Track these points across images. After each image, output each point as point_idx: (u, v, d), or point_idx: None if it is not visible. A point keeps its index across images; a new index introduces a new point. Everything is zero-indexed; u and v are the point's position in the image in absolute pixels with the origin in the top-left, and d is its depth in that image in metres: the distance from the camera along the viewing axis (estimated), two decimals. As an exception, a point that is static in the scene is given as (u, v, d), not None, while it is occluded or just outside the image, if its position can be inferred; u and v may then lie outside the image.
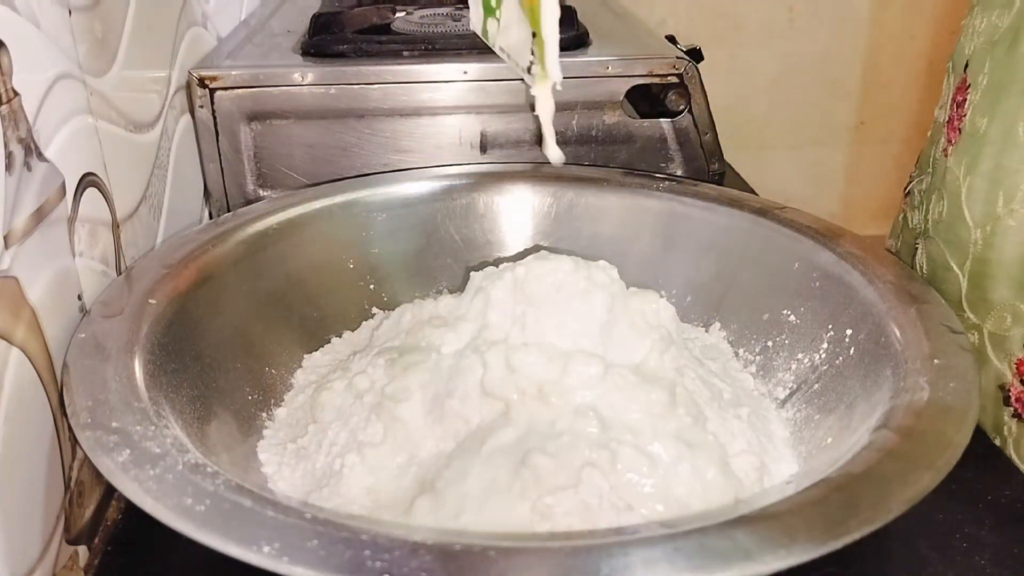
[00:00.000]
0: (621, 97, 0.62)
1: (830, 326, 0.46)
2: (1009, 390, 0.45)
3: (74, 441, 0.38)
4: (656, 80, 0.62)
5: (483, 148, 0.63)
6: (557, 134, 0.63)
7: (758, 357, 0.49)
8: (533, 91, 0.40)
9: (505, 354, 0.41)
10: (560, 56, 0.63)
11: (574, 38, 0.65)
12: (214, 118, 0.60)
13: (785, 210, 0.53)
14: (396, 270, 0.55)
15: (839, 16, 1.70)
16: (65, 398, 0.35)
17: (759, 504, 0.31)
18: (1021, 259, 0.44)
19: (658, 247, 0.55)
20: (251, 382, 0.45)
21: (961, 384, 0.37)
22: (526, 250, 0.56)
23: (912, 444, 0.33)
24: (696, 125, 0.64)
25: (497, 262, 0.47)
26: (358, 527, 0.29)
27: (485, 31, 0.44)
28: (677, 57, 0.63)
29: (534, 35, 0.39)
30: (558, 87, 0.39)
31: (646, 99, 0.65)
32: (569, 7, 0.73)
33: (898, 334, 0.41)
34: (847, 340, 0.44)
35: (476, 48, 0.64)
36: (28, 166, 0.36)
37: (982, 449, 0.45)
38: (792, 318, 0.48)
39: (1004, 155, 0.45)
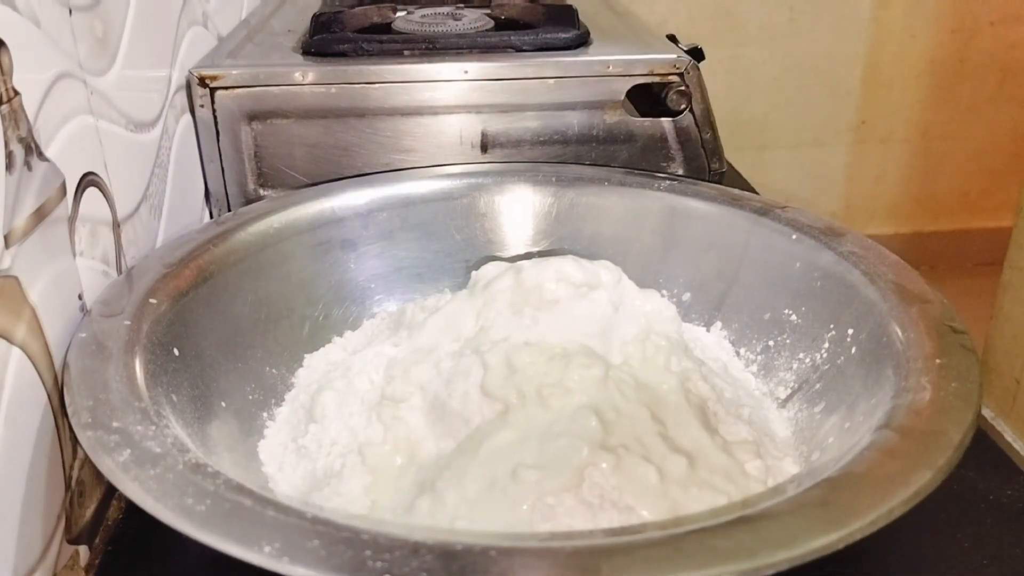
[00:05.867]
0: (622, 96, 0.62)
1: (831, 325, 0.46)
2: None
3: (75, 441, 0.38)
4: (657, 79, 0.62)
5: (484, 148, 0.63)
6: (558, 133, 0.64)
7: (759, 357, 0.49)
8: None
9: (506, 354, 0.41)
10: (561, 56, 0.63)
11: (575, 37, 0.65)
12: (215, 117, 0.60)
13: (786, 209, 0.53)
14: (396, 269, 0.55)
15: (839, 16, 1.70)
16: (66, 398, 0.35)
17: (759, 504, 0.31)
18: None
19: (659, 247, 0.55)
20: (252, 382, 0.45)
21: (963, 384, 0.36)
22: (540, 252, 0.56)
23: (913, 444, 0.33)
24: (697, 124, 0.64)
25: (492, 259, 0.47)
26: (359, 527, 0.29)
27: None
28: (678, 56, 0.63)
29: None
30: None
31: (647, 98, 0.65)
32: (569, 7, 0.73)
33: (900, 333, 0.41)
34: (848, 340, 0.44)
35: (477, 47, 0.64)
36: (28, 165, 0.36)
37: (984, 449, 0.45)
38: (793, 317, 0.48)
39: None
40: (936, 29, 1.74)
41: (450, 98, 0.62)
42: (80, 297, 0.41)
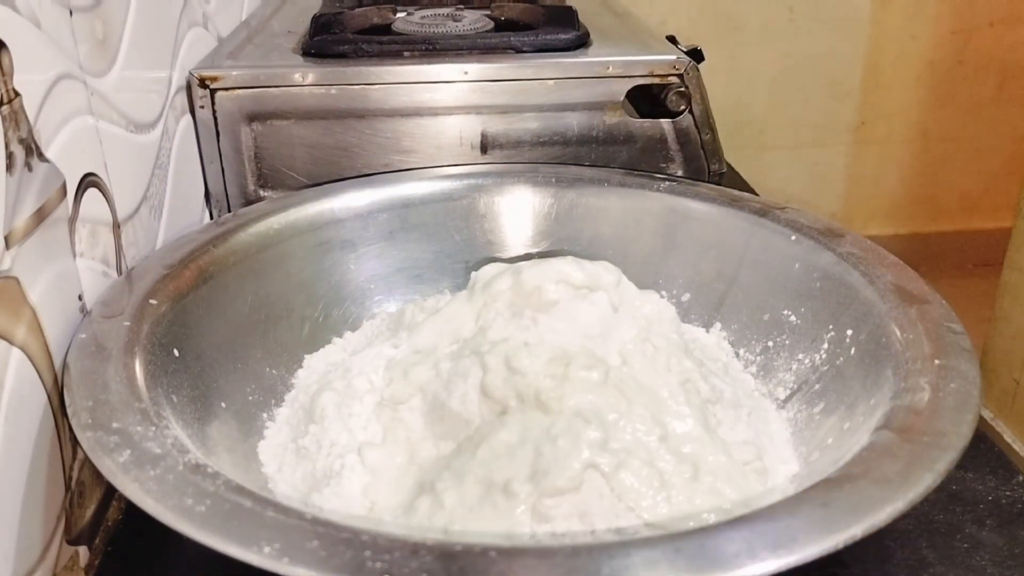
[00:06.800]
0: (622, 97, 0.62)
1: (831, 326, 0.46)
2: None
3: (75, 441, 0.38)
4: (657, 80, 0.62)
5: (484, 148, 0.63)
6: (558, 134, 0.64)
7: (759, 357, 0.49)
8: None
9: (505, 355, 0.41)
10: (561, 56, 0.63)
11: (574, 39, 0.65)
12: (215, 118, 0.60)
13: (786, 210, 0.53)
14: (396, 270, 0.55)
15: (839, 16, 1.70)
16: (66, 398, 0.35)
17: (759, 504, 0.31)
18: None
19: (658, 247, 0.55)
20: (251, 382, 0.45)
21: (962, 385, 0.37)
22: (540, 253, 0.56)
23: (913, 445, 0.33)
24: (696, 125, 0.64)
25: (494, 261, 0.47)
26: (358, 527, 0.29)
27: None
28: (678, 58, 0.63)
29: None
30: None
31: (647, 99, 0.65)
32: (569, 7, 0.73)
33: (899, 334, 0.41)
34: (848, 340, 0.44)
35: (476, 48, 0.64)
36: (29, 166, 0.36)
37: (983, 450, 0.45)
38: (793, 318, 0.48)
39: None
40: (936, 30, 1.74)
41: (450, 99, 0.62)
42: (80, 298, 0.41)
